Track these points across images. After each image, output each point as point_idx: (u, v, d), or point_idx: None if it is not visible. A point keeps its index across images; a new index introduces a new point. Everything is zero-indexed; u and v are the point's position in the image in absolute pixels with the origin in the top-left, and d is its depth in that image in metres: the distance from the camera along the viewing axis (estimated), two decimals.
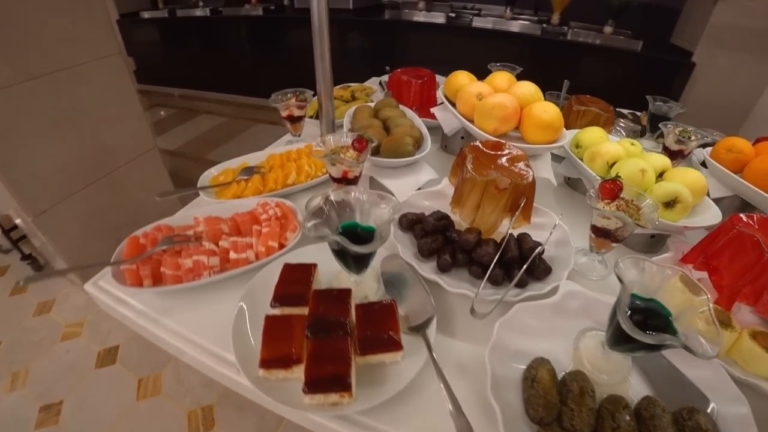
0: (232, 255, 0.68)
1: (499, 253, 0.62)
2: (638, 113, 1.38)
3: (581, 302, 0.60)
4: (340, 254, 0.56)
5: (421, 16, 2.95)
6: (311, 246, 0.71)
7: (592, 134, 0.90)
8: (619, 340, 0.49)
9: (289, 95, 1.08)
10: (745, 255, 0.61)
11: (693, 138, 0.95)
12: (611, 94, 1.31)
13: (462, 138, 1.07)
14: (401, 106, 1.06)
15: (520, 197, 0.65)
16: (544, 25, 2.74)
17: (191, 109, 3.89)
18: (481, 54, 2.93)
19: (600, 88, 1.32)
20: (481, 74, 1.04)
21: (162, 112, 3.88)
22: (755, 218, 0.63)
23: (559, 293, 0.60)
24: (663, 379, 0.54)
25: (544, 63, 2.75)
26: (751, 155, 0.79)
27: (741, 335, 0.57)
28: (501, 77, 0.95)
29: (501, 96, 0.80)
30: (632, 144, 0.88)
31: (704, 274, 0.66)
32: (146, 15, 3.76)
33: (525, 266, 0.60)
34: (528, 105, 0.82)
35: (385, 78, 1.56)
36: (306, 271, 0.60)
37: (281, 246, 0.72)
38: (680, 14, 2.57)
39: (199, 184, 0.91)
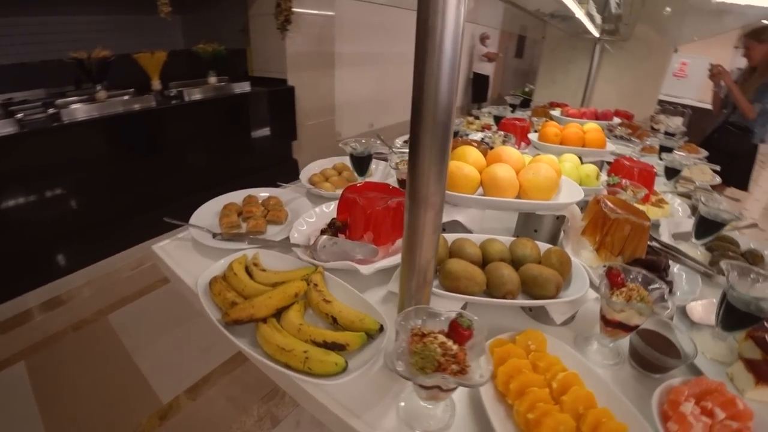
0: None
1: None
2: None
3: None
4: None
5: None
6: None
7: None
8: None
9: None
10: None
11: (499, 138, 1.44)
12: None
13: None
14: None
15: None
16: (156, 94, 2.34)
17: None
18: (91, 149, 2.14)
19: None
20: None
21: None
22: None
23: None
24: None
25: (177, 130, 2.42)
26: (560, 133, 1.36)
27: None
28: (470, 151, 0.98)
29: (543, 165, 0.90)
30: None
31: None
32: None
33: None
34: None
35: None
36: None
37: None
38: (246, 53, 2.94)
39: None
